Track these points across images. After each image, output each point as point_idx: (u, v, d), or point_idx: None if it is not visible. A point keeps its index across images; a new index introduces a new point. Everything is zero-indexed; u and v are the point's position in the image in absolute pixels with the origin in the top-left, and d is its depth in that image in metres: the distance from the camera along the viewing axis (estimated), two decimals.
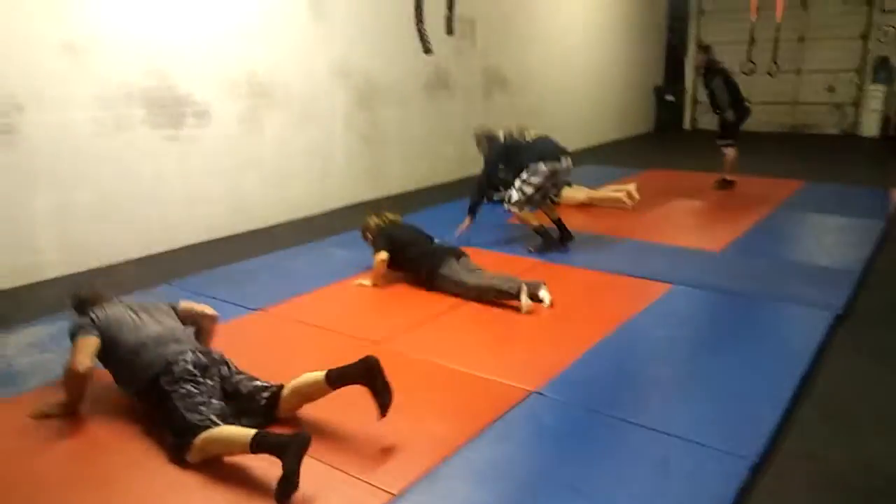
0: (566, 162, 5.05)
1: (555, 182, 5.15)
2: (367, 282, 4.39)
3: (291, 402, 2.68)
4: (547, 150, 5.06)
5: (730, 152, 7.16)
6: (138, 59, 5.08)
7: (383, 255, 4.35)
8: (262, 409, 2.66)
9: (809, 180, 7.59)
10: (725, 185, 7.26)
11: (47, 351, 3.52)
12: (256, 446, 2.29)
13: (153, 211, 5.33)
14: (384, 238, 4.46)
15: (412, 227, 4.69)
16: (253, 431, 2.34)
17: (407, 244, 4.42)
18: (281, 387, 2.69)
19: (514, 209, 5.04)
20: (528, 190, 4.98)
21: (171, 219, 5.45)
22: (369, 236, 4.64)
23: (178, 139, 5.42)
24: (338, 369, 2.59)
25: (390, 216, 4.70)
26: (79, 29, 4.73)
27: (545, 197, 5.20)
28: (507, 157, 5.22)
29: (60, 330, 3.73)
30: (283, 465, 2.20)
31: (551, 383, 3.04)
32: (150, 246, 5.33)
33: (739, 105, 7.00)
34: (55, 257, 4.78)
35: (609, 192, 6.56)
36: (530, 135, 5.25)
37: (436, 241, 4.61)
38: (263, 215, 6.21)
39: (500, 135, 5.30)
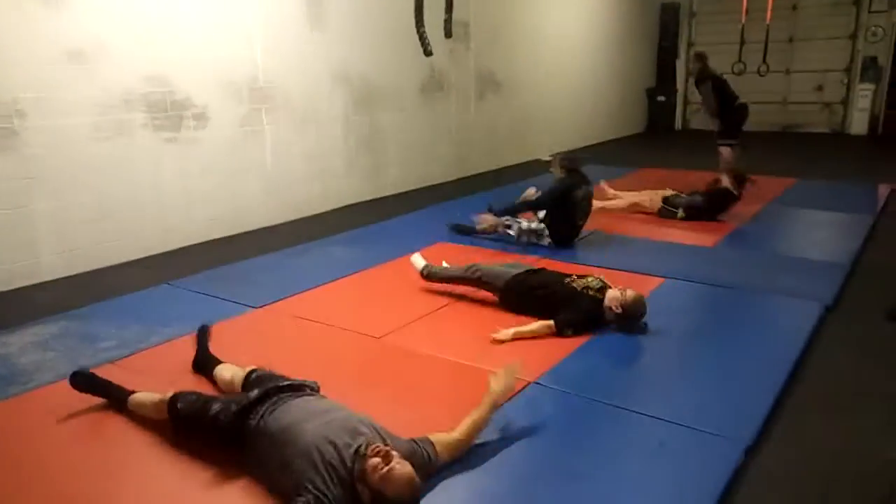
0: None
1: None
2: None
3: None
4: None
5: (725, 151, 7.24)
6: (140, 64, 5.14)
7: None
8: None
9: (801, 177, 7.71)
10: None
11: (50, 349, 3.56)
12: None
13: (152, 212, 5.38)
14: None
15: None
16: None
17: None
18: None
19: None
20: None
21: (170, 220, 5.50)
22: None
23: (177, 142, 5.48)
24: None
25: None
26: (83, 36, 4.78)
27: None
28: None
29: (62, 329, 3.81)
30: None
31: (549, 374, 3.12)
32: (149, 247, 5.38)
33: (730, 109, 7.11)
34: (54, 259, 4.82)
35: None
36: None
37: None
38: (264, 216, 6.27)
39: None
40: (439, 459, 2.36)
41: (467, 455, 2.51)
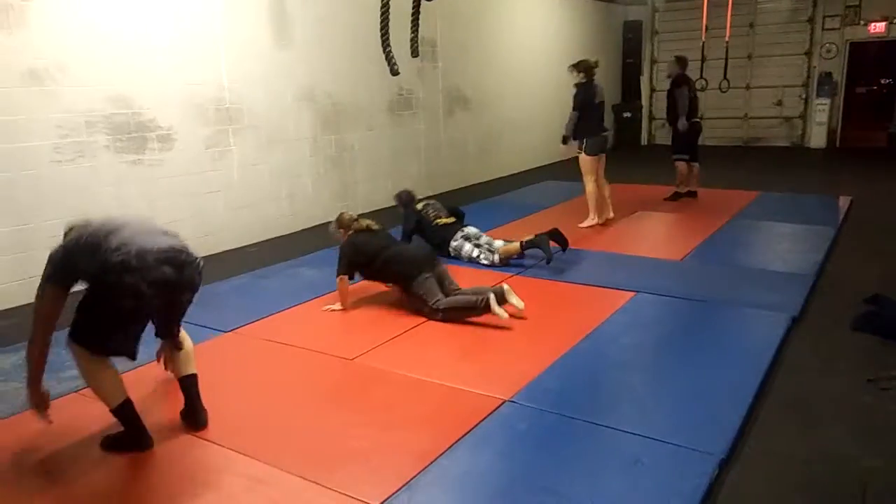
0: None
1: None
2: (335, 306, 4.33)
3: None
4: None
5: (681, 166, 7.43)
6: (102, 86, 5.06)
7: (343, 280, 4.28)
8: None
9: (764, 190, 7.87)
10: (678, 197, 7.52)
11: (11, 380, 3.44)
12: (117, 412, 2.67)
13: None
14: (348, 252, 4.31)
15: (385, 233, 4.55)
16: (121, 400, 2.67)
17: (375, 254, 4.28)
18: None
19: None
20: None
21: None
22: (339, 239, 4.50)
23: (141, 164, 5.39)
24: None
25: (364, 223, 4.49)
26: (43, 57, 4.70)
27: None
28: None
29: (23, 359, 3.66)
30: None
31: (524, 391, 3.10)
32: None
33: (693, 118, 7.29)
34: (14, 287, 4.68)
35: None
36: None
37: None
38: (232, 238, 6.19)
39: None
40: None
41: (441, 473, 2.49)
